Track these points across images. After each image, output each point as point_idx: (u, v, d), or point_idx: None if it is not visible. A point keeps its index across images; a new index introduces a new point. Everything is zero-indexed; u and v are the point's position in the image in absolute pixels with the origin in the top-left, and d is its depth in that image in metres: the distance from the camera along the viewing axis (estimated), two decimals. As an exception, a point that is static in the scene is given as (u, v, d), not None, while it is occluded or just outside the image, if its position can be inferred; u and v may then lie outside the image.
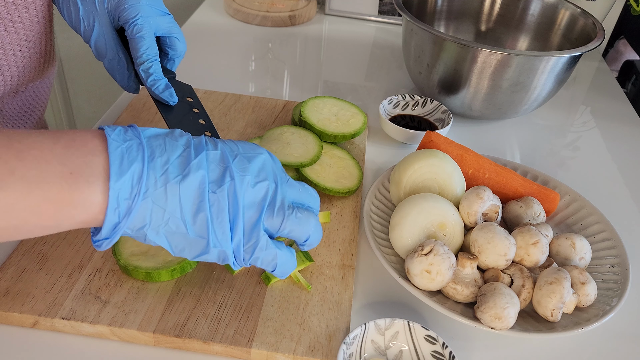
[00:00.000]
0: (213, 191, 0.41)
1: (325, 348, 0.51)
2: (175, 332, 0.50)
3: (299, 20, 1.17)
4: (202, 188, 0.41)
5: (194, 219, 0.41)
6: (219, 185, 0.42)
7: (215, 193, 0.41)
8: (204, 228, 0.41)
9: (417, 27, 0.82)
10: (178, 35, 0.63)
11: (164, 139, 0.42)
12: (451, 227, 0.59)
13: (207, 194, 0.41)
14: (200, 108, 0.62)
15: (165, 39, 0.63)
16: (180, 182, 0.40)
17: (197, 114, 0.61)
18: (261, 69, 1.00)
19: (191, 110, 0.61)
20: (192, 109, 0.61)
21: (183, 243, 0.42)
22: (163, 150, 0.41)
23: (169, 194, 0.40)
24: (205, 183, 0.41)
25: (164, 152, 0.41)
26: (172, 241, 0.42)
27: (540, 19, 0.96)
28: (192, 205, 0.41)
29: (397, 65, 1.06)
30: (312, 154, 0.69)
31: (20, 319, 0.51)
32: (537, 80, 0.79)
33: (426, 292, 0.55)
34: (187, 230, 0.41)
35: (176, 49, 0.64)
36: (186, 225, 0.41)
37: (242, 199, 0.42)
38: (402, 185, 0.64)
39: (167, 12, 0.62)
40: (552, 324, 0.54)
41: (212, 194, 0.41)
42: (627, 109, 0.99)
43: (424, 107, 0.85)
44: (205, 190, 0.41)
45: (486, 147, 0.83)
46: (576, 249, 0.59)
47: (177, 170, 0.41)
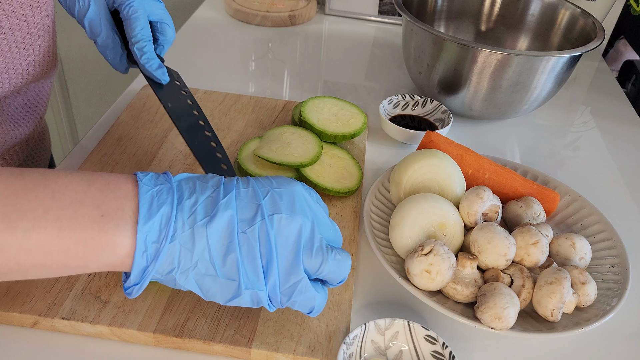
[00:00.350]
0: (243, 231, 0.40)
1: (325, 348, 0.51)
2: (175, 332, 0.50)
3: (299, 20, 1.17)
4: (231, 228, 0.40)
5: (223, 261, 0.40)
6: (250, 224, 0.40)
7: (245, 233, 0.40)
8: (234, 270, 0.40)
9: (417, 27, 0.82)
10: (168, 22, 0.65)
11: (195, 181, 0.42)
12: (451, 227, 0.59)
13: (237, 234, 0.40)
14: (188, 91, 0.65)
15: (156, 25, 0.65)
16: (208, 224, 0.39)
17: (185, 95, 0.64)
18: (261, 69, 1.00)
19: (180, 91, 0.64)
20: (180, 90, 0.64)
21: (214, 286, 0.41)
22: (192, 192, 0.41)
23: (196, 236, 0.39)
24: (235, 223, 0.40)
25: (193, 194, 0.41)
26: (202, 285, 0.41)
27: (540, 19, 0.96)
28: (222, 247, 0.40)
29: (397, 65, 1.06)
30: (312, 154, 0.69)
31: (20, 319, 0.51)
32: (537, 80, 0.79)
33: (426, 292, 0.55)
34: (217, 272, 0.40)
35: (166, 34, 0.66)
36: (215, 267, 0.40)
37: (275, 238, 0.41)
38: (402, 185, 0.64)
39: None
40: (552, 324, 0.54)
41: (242, 234, 0.40)
42: (627, 109, 0.99)
43: (424, 107, 0.85)
44: (234, 230, 0.40)
45: (486, 147, 0.83)
46: (576, 249, 0.59)
47: (204, 212, 0.40)
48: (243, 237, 0.40)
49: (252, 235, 0.40)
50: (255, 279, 0.41)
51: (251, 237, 0.40)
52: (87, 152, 0.73)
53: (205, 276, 0.40)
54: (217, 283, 0.41)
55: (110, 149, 0.72)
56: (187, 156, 0.73)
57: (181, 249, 0.39)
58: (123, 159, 0.71)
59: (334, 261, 0.43)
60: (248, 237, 0.40)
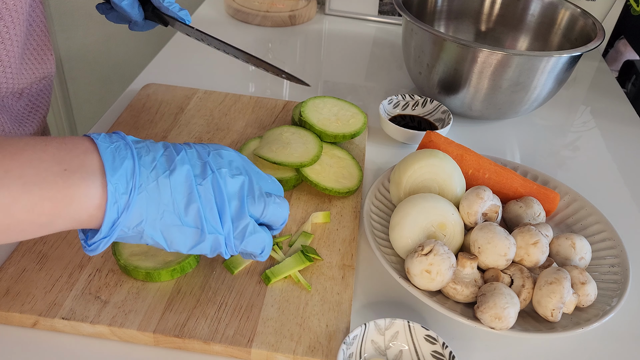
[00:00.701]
0: (199, 183, 0.44)
1: (325, 348, 0.51)
2: (175, 332, 0.50)
3: (299, 20, 1.17)
4: (189, 181, 0.43)
5: (186, 211, 0.43)
6: (203, 177, 0.44)
7: (201, 185, 0.44)
8: (197, 218, 0.43)
9: (417, 27, 0.82)
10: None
11: (145, 143, 0.45)
12: (451, 227, 0.59)
13: (195, 186, 0.43)
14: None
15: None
16: (170, 176, 0.43)
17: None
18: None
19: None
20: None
21: (178, 236, 0.44)
22: (147, 150, 0.44)
23: (161, 188, 0.42)
24: (192, 176, 0.44)
25: (149, 151, 0.44)
26: (168, 235, 0.43)
27: (540, 19, 0.96)
28: (183, 197, 0.43)
29: (397, 65, 1.06)
30: (312, 154, 0.69)
31: (20, 319, 0.51)
32: (537, 80, 0.79)
33: (426, 292, 0.55)
34: (181, 221, 0.43)
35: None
36: (180, 216, 0.43)
37: (225, 189, 0.45)
38: (402, 185, 0.64)
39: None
40: (552, 324, 0.54)
41: (199, 186, 0.44)
42: (627, 109, 0.99)
43: (424, 107, 0.85)
44: (192, 182, 0.43)
45: (486, 147, 0.83)
46: (576, 249, 0.59)
47: (164, 166, 0.43)
48: (200, 189, 0.44)
49: (207, 186, 0.44)
50: (215, 225, 0.44)
51: (207, 188, 0.44)
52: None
53: (171, 226, 0.43)
54: (182, 232, 0.44)
55: (110, 149, 0.72)
56: (187, 156, 0.73)
57: (148, 200, 0.42)
58: (123, 159, 0.71)
59: (274, 204, 0.48)
60: (204, 188, 0.44)
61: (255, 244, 0.47)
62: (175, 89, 0.86)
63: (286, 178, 0.67)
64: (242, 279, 0.56)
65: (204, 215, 0.44)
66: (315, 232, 0.63)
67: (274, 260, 0.59)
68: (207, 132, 0.77)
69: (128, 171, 0.41)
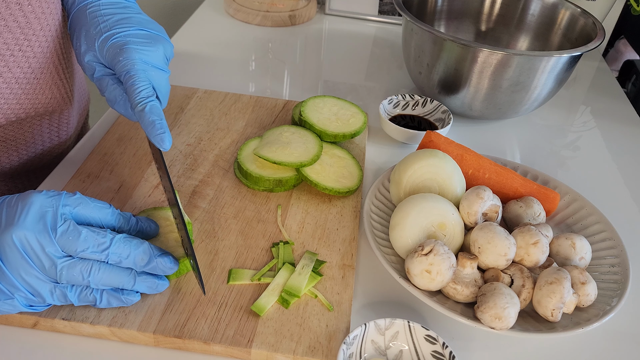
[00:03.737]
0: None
1: (325, 348, 0.51)
2: (175, 333, 0.50)
3: (299, 20, 1.17)
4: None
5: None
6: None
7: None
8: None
9: (417, 27, 0.81)
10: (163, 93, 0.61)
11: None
12: (451, 227, 0.59)
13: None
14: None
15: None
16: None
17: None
18: (261, 69, 1.00)
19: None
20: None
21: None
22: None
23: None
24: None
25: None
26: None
27: (540, 19, 0.96)
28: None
29: (397, 65, 1.06)
30: (312, 153, 0.69)
31: (20, 319, 0.51)
32: (537, 80, 0.79)
33: (426, 292, 0.55)
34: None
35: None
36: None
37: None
38: (402, 185, 0.64)
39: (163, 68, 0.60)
40: (552, 324, 0.54)
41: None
42: (627, 109, 0.99)
43: (424, 107, 0.85)
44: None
45: (486, 147, 0.83)
46: (576, 249, 0.59)
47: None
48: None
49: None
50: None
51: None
52: (87, 152, 0.73)
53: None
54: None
55: (110, 149, 0.72)
56: (187, 156, 0.73)
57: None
58: (123, 159, 0.71)
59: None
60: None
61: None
62: (175, 88, 0.86)
63: (286, 178, 0.67)
64: (242, 279, 0.56)
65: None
66: (315, 232, 0.63)
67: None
68: (207, 132, 0.77)
69: None
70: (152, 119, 0.53)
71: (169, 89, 0.60)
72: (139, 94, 0.54)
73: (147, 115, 0.53)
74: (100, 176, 0.68)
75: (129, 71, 0.55)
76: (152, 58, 0.57)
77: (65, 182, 0.68)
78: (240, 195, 0.67)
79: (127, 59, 0.56)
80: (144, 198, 0.65)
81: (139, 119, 0.54)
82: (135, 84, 0.54)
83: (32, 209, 0.47)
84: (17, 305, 0.47)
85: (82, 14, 0.60)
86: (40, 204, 0.47)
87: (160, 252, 0.52)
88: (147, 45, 0.58)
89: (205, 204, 0.65)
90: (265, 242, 0.61)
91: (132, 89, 0.54)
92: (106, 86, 0.58)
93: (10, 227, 0.46)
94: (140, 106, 0.53)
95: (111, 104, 0.59)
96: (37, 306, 0.49)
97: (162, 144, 0.53)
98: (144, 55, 0.57)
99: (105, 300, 0.50)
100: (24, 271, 0.46)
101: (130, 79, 0.55)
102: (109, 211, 0.52)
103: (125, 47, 0.56)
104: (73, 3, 0.62)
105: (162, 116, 0.54)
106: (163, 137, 0.53)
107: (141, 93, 0.54)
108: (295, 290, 0.55)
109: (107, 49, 0.57)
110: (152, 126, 0.53)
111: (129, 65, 0.55)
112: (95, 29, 0.58)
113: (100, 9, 0.60)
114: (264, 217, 0.64)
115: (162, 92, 0.58)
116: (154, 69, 0.57)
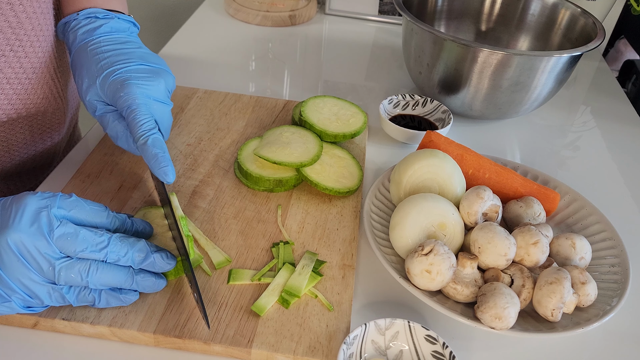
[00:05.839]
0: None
1: (325, 348, 0.51)
2: (176, 333, 0.50)
3: (299, 20, 1.17)
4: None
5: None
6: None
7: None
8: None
9: (417, 27, 0.81)
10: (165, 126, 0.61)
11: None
12: (451, 227, 0.59)
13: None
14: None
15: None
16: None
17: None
18: (261, 69, 1.00)
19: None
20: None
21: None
22: None
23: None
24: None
25: None
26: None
27: (540, 19, 0.96)
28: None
29: (397, 65, 1.06)
30: (312, 153, 0.69)
31: (20, 319, 0.51)
32: (537, 80, 0.79)
33: (426, 292, 0.55)
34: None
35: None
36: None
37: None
38: (402, 185, 0.64)
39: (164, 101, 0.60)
40: (552, 324, 0.54)
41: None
42: (627, 108, 0.99)
43: (424, 107, 0.85)
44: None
45: (486, 147, 0.83)
46: (576, 248, 0.59)
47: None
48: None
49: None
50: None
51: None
52: (87, 152, 0.73)
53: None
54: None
55: (110, 149, 0.72)
56: (187, 156, 0.73)
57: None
58: (123, 159, 0.71)
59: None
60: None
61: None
62: (175, 88, 0.86)
63: (286, 178, 0.67)
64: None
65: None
66: (315, 232, 0.63)
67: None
68: (207, 132, 0.77)
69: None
70: (154, 152, 0.53)
71: (171, 122, 0.61)
72: (141, 127, 0.55)
73: (149, 149, 0.54)
74: (100, 176, 0.68)
75: (130, 105, 0.56)
76: (154, 92, 0.58)
77: (65, 183, 0.68)
78: (241, 195, 0.67)
79: (128, 94, 0.56)
80: (144, 198, 0.65)
81: (142, 152, 0.54)
82: (137, 117, 0.55)
83: (26, 211, 0.47)
84: (15, 307, 0.47)
85: (83, 51, 0.60)
86: (35, 205, 0.47)
87: (157, 248, 0.52)
88: (148, 79, 0.58)
89: (205, 204, 0.65)
90: (266, 242, 0.61)
91: (134, 122, 0.55)
92: (108, 123, 0.59)
93: (5, 230, 0.45)
94: (142, 139, 0.54)
95: (114, 140, 0.59)
96: (35, 307, 0.49)
97: (165, 178, 0.53)
98: (145, 89, 0.57)
99: (104, 300, 0.50)
100: (21, 274, 0.46)
101: (132, 113, 0.55)
102: (105, 214, 0.52)
103: (127, 83, 0.57)
104: (74, 41, 0.62)
105: (165, 149, 0.55)
106: (166, 171, 0.53)
107: (143, 126, 0.55)
108: (296, 290, 0.55)
109: (109, 85, 0.57)
110: (155, 159, 0.53)
111: (130, 99, 0.56)
112: (96, 67, 0.59)
113: (101, 46, 0.60)
114: (264, 217, 0.64)
115: (164, 125, 0.58)
116: (155, 103, 0.58)
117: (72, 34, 0.63)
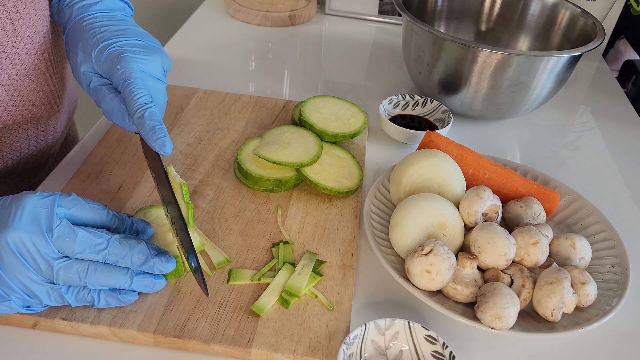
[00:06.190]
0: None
1: (325, 348, 0.51)
2: (176, 333, 0.50)
3: (299, 20, 1.17)
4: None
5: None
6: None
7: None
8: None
9: (417, 27, 0.81)
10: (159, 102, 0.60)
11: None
12: (451, 227, 0.59)
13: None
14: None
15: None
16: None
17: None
18: (261, 69, 1.00)
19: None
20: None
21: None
22: None
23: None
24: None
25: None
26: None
27: (540, 19, 0.96)
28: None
29: (397, 65, 1.06)
30: (312, 153, 0.69)
31: (20, 319, 0.51)
32: (537, 80, 0.79)
33: (426, 292, 0.55)
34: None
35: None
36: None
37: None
38: (402, 185, 0.64)
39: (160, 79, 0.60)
40: (552, 324, 0.54)
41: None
42: (627, 109, 0.99)
43: (424, 107, 0.85)
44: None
45: (486, 147, 0.83)
46: (576, 249, 0.59)
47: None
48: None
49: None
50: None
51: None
52: (87, 152, 0.73)
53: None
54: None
55: (110, 149, 0.72)
56: (187, 156, 0.73)
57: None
58: (123, 159, 0.71)
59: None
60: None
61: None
62: (175, 88, 0.86)
63: (286, 178, 0.67)
64: (242, 279, 0.56)
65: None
66: (315, 232, 0.63)
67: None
68: (207, 132, 0.77)
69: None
70: (152, 124, 0.53)
71: (166, 101, 0.60)
72: (137, 100, 0.54)
73: (146, 121, 0.53)
74: (100, 176, 0.68)
75: (126, 79, 0.55)
76: (150, 68, 0.57)
77: (65, 183, 0.68)
78: (240, 195, 0.67)
79: (124, 67, 0.55)
80: (144, 198, 0.65)
81: (138, 126, 0.54)
82: (134, 91, 0.54)
83: (26, 210, 0.47)
84: (14, 307, 0.47)
85: (79, 27, 0.60)
86: (34, 205, 0.47)
87: (157, 251, 0.52)
88: (145, 54, 0.57)
89: (205, 204, 0.65)
90: (265, 242, 0.61)
91: (131, 96, 0.54)
92: (103, 96, 0.58)
93: (4, 229, 0.45)
94: (139, 112, 0.53)
95: (108, 115, 0.58)
96: (35, 307, 0.49)
97: (163, 149, 0.53)
98: (141, 64, 0.56)
99: (103, 300, 0.50)
100: (20, 273, 0.46)
101: (128, 87, 0.54)
102: (104, 212, 0.52)
103: (123, 56, 0.56)
104: (69, 17, 0.62)
105: (162, 122, 0.54)
106: (164, 141, 0.53)
107: (140, 100, 0.54)
108: (296, 290, 0.55)
109: (104, 58, 0.56)
110: (153, 131, 0.53)
111: (126, 73, 0.55)
112: (92, 40, 0.58)
113: (97, 21, 0.60)
114: (264, 217, 0.64)
115: (159, 103, 0.57)
116: (151, 79, 0.57)
117: (67, 10, 0.62)
